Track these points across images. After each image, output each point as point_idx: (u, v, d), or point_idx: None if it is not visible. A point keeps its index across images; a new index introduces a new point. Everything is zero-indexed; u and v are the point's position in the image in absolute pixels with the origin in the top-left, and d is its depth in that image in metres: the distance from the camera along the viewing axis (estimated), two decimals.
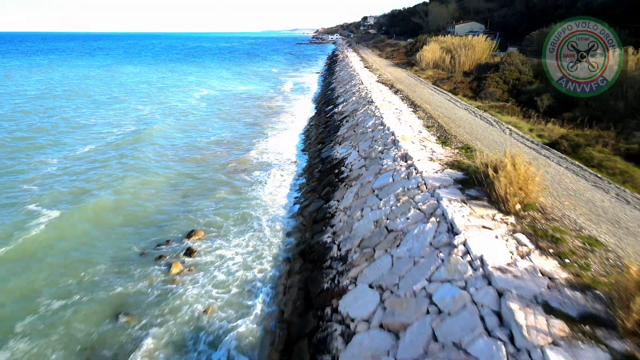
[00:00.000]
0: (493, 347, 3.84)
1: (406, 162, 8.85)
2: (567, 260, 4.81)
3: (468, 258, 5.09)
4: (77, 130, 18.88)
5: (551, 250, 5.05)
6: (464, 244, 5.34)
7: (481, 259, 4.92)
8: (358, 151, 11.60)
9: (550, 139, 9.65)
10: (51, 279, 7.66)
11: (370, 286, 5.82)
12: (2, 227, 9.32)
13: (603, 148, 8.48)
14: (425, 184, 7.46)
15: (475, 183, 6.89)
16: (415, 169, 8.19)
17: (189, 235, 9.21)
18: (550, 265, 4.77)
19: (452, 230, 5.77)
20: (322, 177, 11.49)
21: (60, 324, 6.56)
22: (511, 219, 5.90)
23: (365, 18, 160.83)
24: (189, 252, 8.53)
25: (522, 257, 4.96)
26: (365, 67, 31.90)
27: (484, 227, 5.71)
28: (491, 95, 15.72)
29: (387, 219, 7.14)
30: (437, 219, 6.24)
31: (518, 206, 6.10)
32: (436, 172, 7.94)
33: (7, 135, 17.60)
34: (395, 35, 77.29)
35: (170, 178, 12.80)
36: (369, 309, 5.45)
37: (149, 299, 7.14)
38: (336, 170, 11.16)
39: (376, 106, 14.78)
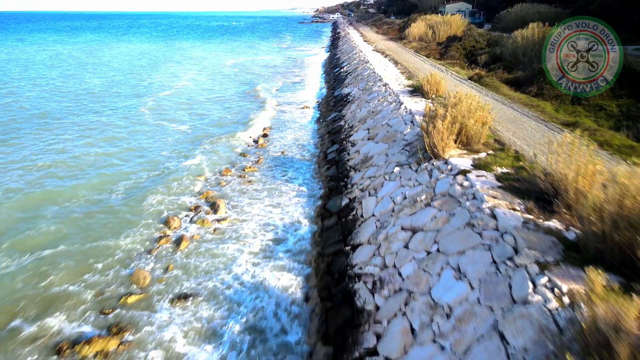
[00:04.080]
0: (406, 125, 10.82)
1: (385, 86, 15.71)
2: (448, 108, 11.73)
3: (406, 110, 12.02)
4: (177, 83, 26.32)
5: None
6: (405, 106, 12.27)
7: (410, 109, 11.86)
8: (358, 88, 18.44)
9: (470, 76, 16.50)
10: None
11: (363, 130, 12.82)
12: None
13: (494, 78, 15.35)
14: (393, 92, 14.35)
15: (418, 90, 13.82)
16: (389, 88, 15.07)
17: (263, 130, 16.23)
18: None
19: (401, 105, 12.69)
20: (335, 104, 18.39)
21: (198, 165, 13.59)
22: (429, 100, 12.83)
23: None
24: (265, 135, 15.55)
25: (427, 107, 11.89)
26: (364, 41, 38.30)
27: (415, 102, 12.65)
28: (452, 57, 22.39)
29: (373, 108, 14.08)
30: (396, 103, 13.16)
31: (433, 96, 13.02)
32: (401, 89, 14.82)
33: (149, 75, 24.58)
34: (393, 14, 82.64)
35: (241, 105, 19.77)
36: (362, 135, 12.45)
37: (251, 151, 14.14)
38: (344, 99, 18.04)
39: (370, 63, 21.53)
